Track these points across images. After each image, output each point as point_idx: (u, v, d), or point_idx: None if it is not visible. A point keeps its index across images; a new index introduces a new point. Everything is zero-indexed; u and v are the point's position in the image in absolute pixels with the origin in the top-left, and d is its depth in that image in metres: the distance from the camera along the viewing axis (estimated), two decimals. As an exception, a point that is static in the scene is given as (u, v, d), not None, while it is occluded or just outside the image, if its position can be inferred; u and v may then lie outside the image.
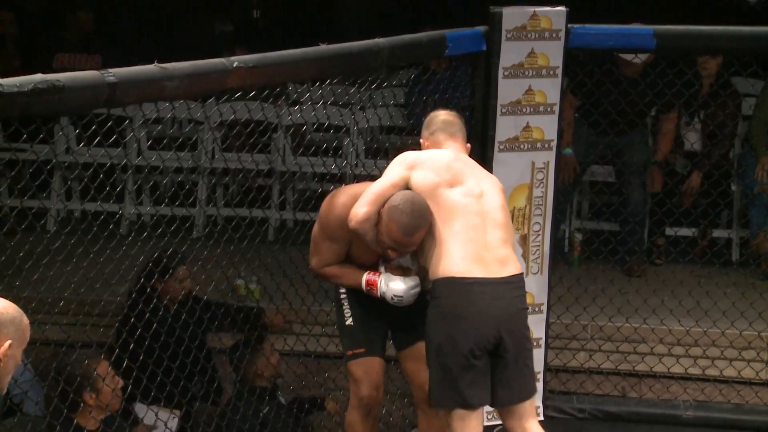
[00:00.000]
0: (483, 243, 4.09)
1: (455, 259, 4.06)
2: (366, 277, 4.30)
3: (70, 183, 7.51)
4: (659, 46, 5.19)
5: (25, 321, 2.78)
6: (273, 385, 5.50)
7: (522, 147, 5.11)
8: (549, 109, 5.11)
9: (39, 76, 3.07)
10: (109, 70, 3.31)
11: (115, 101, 3.35)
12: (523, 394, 4.17)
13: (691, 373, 5.81)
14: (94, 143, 3.95)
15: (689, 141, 6.91)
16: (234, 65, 3.78)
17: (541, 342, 5.28)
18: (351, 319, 4.46)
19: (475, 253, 4.07)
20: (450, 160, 4.23)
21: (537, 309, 5.22)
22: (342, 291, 4.50)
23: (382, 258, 4.29)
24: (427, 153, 4.31)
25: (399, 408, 5.56)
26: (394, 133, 7.51)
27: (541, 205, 5.19)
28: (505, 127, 5.07)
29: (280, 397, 5.55)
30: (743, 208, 6.95)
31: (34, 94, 3.04)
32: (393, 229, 4.07)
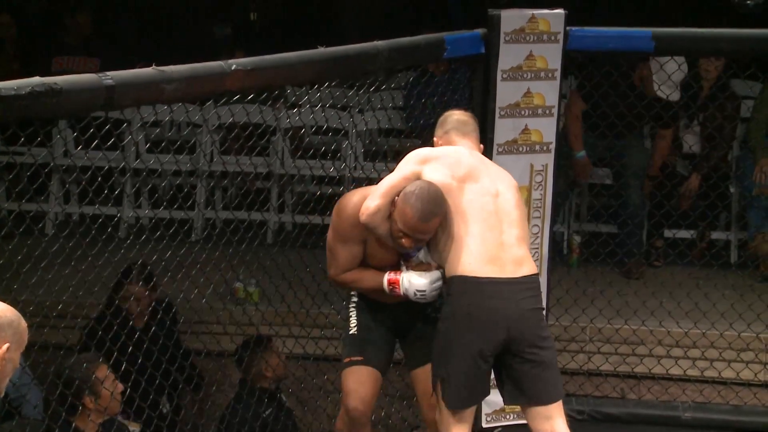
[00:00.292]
0: (499, 243, 4.07)
1: (470, 258, 4.03)
2: (387, 276, 4.23)
3: (68, 186, 7.49)
4: (658, 49, 5.19)
5: (23, 324, 2.78)
6: (276, 387, 5.51)
7: (520, 149, 5.11)
8: (547, 111, 5.11)
9: (37, 79, 3.08)
10: (107, 73, 3.31)
11: (113, 104, 3.35)
12: (543, 396, 4.12)
13: (689, 375, 5.81)
14: (92, 146, 3.95)
15: (688, 143, 6.90)
16: (232, 68, 3.78)
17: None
18: (356, 328, 4.41)
19: (490, 252, 4.05)
20: (464, 156, 4.21)
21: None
22: (353, 301, 4.45)
23: (402, 257, 4.24)
24: (440, 149, 4.28)
25: (398, 410, 5.56)
26: (392, 136, 7.50)
27: (540, 207, 5.18)
28: (504, 129, 5.07)
29: (282, 399, 5.56)
30: (741, 210, 6.94)
31: (32, 97, 3.04)
32: (408, 214, 4.00)
